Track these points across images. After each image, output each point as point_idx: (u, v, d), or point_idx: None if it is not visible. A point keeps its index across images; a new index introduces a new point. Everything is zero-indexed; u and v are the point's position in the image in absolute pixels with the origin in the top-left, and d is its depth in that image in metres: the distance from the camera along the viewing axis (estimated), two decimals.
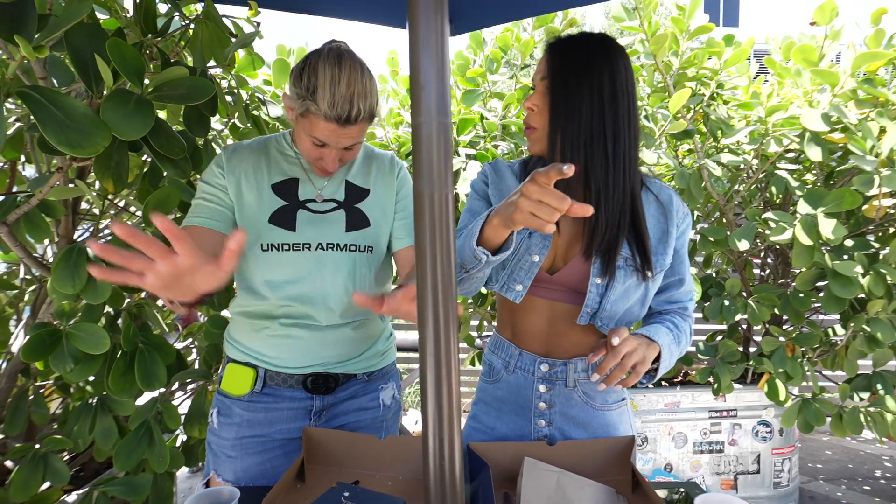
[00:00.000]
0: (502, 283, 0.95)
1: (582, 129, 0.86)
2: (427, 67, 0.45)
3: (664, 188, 0.98)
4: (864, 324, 1.76)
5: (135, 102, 0.78)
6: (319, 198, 1.04)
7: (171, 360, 1.16)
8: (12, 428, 1.20)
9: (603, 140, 0.86)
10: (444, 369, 0.50)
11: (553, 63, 0.89)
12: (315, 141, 0.95)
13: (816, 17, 1.69)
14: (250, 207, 1.00)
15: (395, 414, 1.19)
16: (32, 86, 0.67)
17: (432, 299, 0.50)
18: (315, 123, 0.92)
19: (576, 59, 0.88)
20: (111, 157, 0.85)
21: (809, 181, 2.09)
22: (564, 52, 0.89)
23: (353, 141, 0.96)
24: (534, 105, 0.91)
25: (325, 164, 0.98)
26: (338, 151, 0.97)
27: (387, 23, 1.44)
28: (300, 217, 1.01)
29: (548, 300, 0.95)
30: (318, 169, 1.01)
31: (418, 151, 0.47)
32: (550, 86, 0.89)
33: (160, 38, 1.14)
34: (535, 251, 0.93)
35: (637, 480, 0.87)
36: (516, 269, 0.94)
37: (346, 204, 1.05)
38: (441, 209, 0.47)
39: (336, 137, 0.93)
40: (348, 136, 0.94)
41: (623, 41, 1.92)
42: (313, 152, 0.97)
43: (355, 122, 0.93)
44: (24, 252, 1.01)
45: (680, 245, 0.98)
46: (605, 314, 0.92)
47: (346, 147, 0.97)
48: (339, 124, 0.91)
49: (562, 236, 0.95)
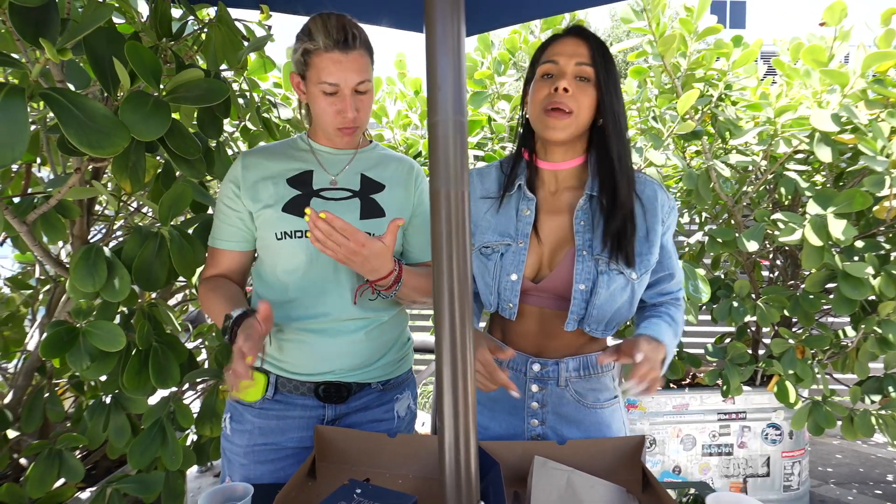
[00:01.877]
0: (495, 305, 0.97)
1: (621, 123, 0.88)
2: (444, 67, 0.46)
3: (648, 184, 0.96)
4: (876, 325, 1.75)
5: (152, 104, 0.79)
6: (334, 184, 1.05)
7: (183, 359, 1.17)
8: (28, 425, 1.22)
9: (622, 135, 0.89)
10: (461, 365, 0.51)
11: (594, 49, 0.88)
12: (326, 88, 0.96)
13: (826, 18, 1.69)
14: (267, 204, 1.02)
15: (410, 424, 1.17)
16: (55, 88, 0.69)
17: (448, 296, 0.51)
18: (320, 65, 0.95)
19: (609, 56, 0.88)
20: (129, 158, 0.87)
21: (819, 183, 2.08)
22: (595, 39, 0.89)
23: (360, 76, 0.97)
24: (570, 87, 0.86)
25: (345, 112, 0.98)
26: (352, 97, 0.98)
27: (399, 26, 1.45)
28: (314, 205, 1.02)
29: (537, 306, 0.96)
30: (342, 126, 1.01)
31: (435, 150, 0.48)
32: (598, 72, 0.87)
33: (174, 41, 1.16)
34: (510, 270, 0.93)
35: (648, 480, 0.87)
36: (502, 291, 0.94)
37: (361, 193, 1.05)
38: (457, 207, 0.48)
39: (342, 71, 0.95)
40: (353, 67, 0.96)
41: (631, 42, 1.93)
42: (329, 108, 0.99)
43: (354, 46, 0.96)
44: (42, 252, 1.03)
45: (666, 240, 0.96)
46: (593, 319, 0.92)
47: (357, 88, 0.98)
48: (340, 50, 0.94)
49: (545, 243, 0.94)
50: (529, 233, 0.93)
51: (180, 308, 1.94)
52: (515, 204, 0.96)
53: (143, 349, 1.11)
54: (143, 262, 1.02)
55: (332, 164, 1.08)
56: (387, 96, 2.51)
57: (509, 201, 0.97)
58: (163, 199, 0.98)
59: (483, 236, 0.97)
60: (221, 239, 1.06)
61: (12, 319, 1.54)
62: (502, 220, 0.96)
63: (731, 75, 1.93)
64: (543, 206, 0.96)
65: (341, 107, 0.98)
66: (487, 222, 0.97)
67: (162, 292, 1.64)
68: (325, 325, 1.02)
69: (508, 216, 0.96)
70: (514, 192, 0.97)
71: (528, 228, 0.94)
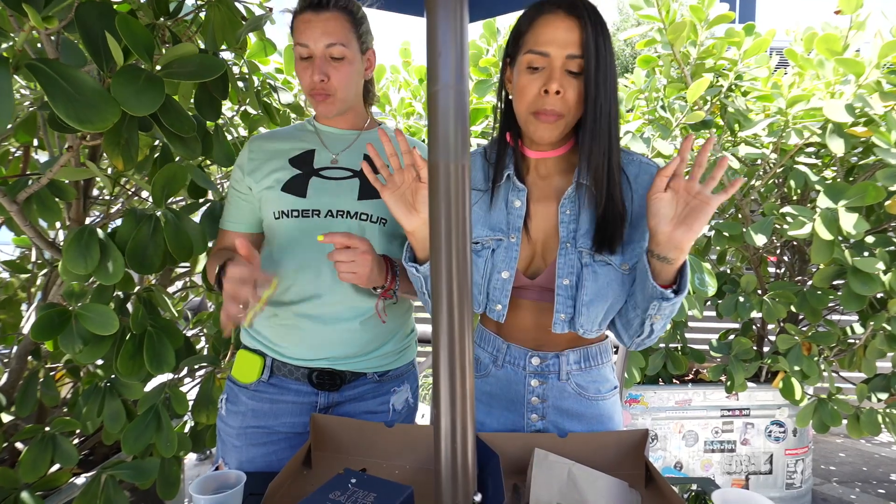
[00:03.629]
0: (483, 306, 0.92)
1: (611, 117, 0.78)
2: (445, 33, 0.43)
3: (644, 167, 0.87)
4: (885, 322, 1.72)
5: (145, 78, 0.77)
6: (334, 163, 1.04)
7: (179, 344, 1.15)
8: (23, 409, 1.21)
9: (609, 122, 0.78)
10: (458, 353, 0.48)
11: (587, 33, 0.75)
12: (300, 52, 0.97)
13: (842, 6, 1.64)
14: (269, 184, 1.02)
15: (408, 418, 1.14)
16: (41, 59, 0.66)
17: (446, 280, 0.48)
18: (296, 28, 0.96)
19: (604, 32, 0.76)
20: (121, 135, 0.85)
21: (829, 177, 2.04)
22: (595, 20, 0.75)
23: (332, 38, 0.95)
24: (561, 88, 0.77)
25: (314, 74, 0.96)
26: (324, 61, 0.96)
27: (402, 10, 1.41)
28: (312, 184, 1.02)
29: (532, 301, 0.91)
30: (312, 90, 0.99)
31: (434, 120, 0.45)
32: (589, 67, 0.75)
33: (172, 20, 1.13)
34: (502, 268, 0.88)
35: (651, 475, 0.85)
36: (491, 290, 0.89)
37: (362, 174, 1.04)
38: (457, 180, 0.45)
39: (312, 32, 0.94)
40: (324, 28, 0.95)
41: (640, 30, 1.89)
42: (303, 73, 0.98)
43: (327, 7, 0.95)
44: (34, 232, 1.01)
45: None
46: (583, 317, 0.85)
47: (331, 53, 0.96)
48: (312, 10, 0.94)
49: (538, 235, 0.89)
50: (521, 226, 0.88)
51: (181, 296, 1.93)
52: (505, 195, 0.90)
53: (137, 333, 1.09)
54: (137, 244, 1.00)
55: (335, 143, 1.07)
56: (391, 84, 2.47)
57: (498, 192, 0.91)
58: (155, 178, 0.96)
59: (472, 231, 0.91)
60: (229, 220, 1.09)
61: (9, 303, 1.53)
62: (493, 213, 0.91)
63: (741, 65, 1.88)
64: (534, 193, 0.90)
65: (311, 72, 0.97)
66: (476, 216, 0.91)
67: (161, 279, 1.63)
68: (319, 309, 1.01)
69: (498, 208, 0.90)
70: (502, 183, 0.90)
71: (519, 221, 0.88)
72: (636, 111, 2.14)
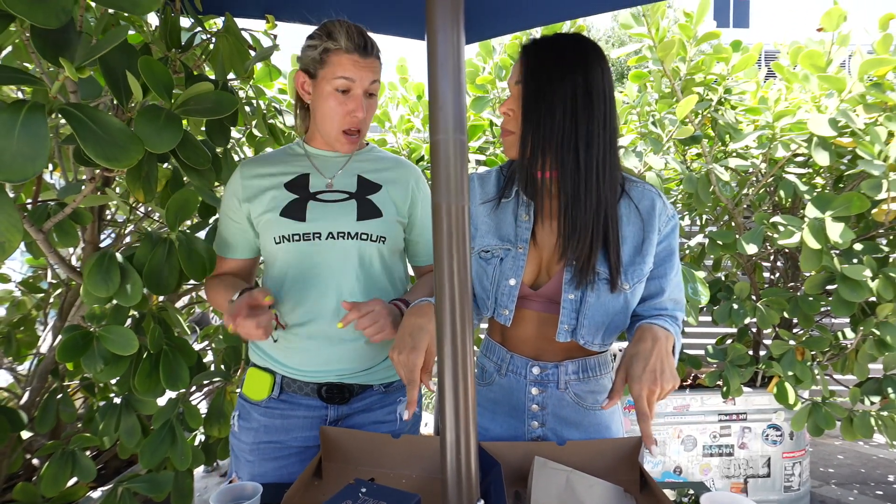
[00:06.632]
0: (491, 310, 0.97)
1: (554, 133, 0.84)
2: (445, 88, 0.49)
3: (647, 193, 0.94)
4: (874, 327, 1.76)
5: (165, 117, 0.82)
6: (330, 186, 1.07)
7: (192, 362, 1.20)
8: (42, 426, 1.25)
9: (575, 145, 0.84)
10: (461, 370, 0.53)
11: (526, 65, 0.87)
12: (340, 84, 1.00)
13: (823, 24, 1.71)
14: (267, 209, 1.04)
15: (414, 427, 1.18)
16: (73, 103, 0.71)
17: (450, 305, 0.53)
18: (337, 62, 1.00)
19: (549, 61, 0.86)
20: (142, 169, 0.90)
21: (819, 185, 2.10)
22: (538, 53, 0.87)
23: (374, 77, 1.02)
24: (510, 110, 0.90)
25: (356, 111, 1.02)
26: (363, 98, 1.02)
27: (402, 34, 1.48)
28: (310, 207, 1.04)
29: (535, 311, 0.96)
30: (349, 127, 1.04)
31: (437, 166, 0.50)
32: (524, 89, 0.87)
33: (183, 52, 1.19)
34: (509, 275, 0.93)
35: (645, 480, 0.89)
36: (499, 296, 0.95)
37: (358, 195, 1.07)
38: (458, 220, 0.50)
39: (359, 70, 1.00)
40: (369, 68, 1.01)
41: (631, 47, 1.95)
42: (338, 107, 1.02)
43: (372, 53, 1.01)
44: (57, 258, 1.06)
45: (661, 249, 0.94)
46: (585, 329, 0.91)
47: (369, 90, 1.03)
48: (360, 54, 0.99)
49: (543, 250, 0.95)
50: (528, 238, 0.94)
51: (187, 310, 1.98)
52: (514, 208, 0.97)
53: (154, 352, 1.14)
54: (153, 267, 1.05)
55: (328, 166, 1.10)
56: (389, 101, 2.53)
57: (508, 205, 0.97)
58: (169, 204, 1.01)
59: (483, 239, 0.97)
60: (225, 248, 1.12)
61: (24, 322, 1.58)
62: (502, 224, 0.97)
63: (730, 80, 1.95)
64: (543, 210, 0.95)
65: (352, 106, 1.02)
66: (487, 226, 0.98)
67: (169, 295, 1.67)
68: (325, 330, 1.04)
69: (508, 221, 0.97)
70: (512, 197, 0.97)
71: (526, 234, 0.94)
72: (629, 125, 2.20)
